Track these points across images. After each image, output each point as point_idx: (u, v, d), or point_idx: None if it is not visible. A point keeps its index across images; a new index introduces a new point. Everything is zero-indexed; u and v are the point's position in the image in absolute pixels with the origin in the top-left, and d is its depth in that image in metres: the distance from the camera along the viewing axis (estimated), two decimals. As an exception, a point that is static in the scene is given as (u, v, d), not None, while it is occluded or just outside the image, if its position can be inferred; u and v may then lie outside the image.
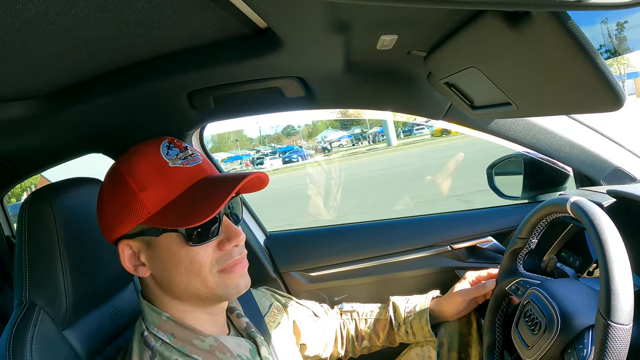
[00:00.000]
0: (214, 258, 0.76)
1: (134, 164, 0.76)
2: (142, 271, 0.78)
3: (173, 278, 0.76)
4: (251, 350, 0.87)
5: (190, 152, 0.80)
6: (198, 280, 0.76)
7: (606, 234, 0.77)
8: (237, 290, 0.79)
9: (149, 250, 0.77)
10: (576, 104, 0.68)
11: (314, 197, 11.36)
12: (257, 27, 0.82)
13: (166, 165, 0.76)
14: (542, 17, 0.52)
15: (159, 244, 0.75)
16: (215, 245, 0.77)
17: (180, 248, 0.75)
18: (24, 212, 0.86)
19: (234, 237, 0.78)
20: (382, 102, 1.22)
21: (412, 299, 1.24)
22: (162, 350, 0.77)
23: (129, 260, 0.78)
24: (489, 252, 1.40)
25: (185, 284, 0.76)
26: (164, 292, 0.80)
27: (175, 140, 0.81)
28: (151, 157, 0.77)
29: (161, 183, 0.75)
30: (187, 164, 0.78)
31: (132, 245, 0.77)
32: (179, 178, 0.76)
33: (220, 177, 0.79)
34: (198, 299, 0.79)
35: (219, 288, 0.77)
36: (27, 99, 0.95)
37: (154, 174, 0.75)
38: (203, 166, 0.80)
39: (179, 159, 0.78)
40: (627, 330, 0.71)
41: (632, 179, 1.17)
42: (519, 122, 1.19)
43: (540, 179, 1.38)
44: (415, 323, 1.19)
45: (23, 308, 0.83)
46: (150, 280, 0.80)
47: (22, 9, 0.54)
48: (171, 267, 0.76)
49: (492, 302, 1.12)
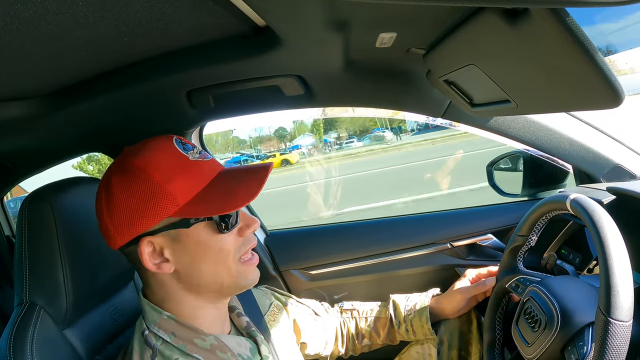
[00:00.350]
0: (236, 245, 0.79)
1: (154, 157, 0.75)
2: (166, 267, 0.76)
3: (201, 269, 0.77)
4: (251, 349, 0.87)
5: (200, 149, 0.82)
6: (224, 269, 0.78)
7: (606, 231, 0.77)
8: (253, 281, 0.82)
9: (174, 244, 0.75)
10: (575, 101, 0.68)
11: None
12: (256, 25, 0.81)
13: (187, 159, 0.77)
14: (540, 14, 0.52)
15: (187, 236, 0.75)
16: (236, 232, 0.79)
17: (210, 237, 0.76)
18: (23, 212, 0.86)
19: (252, 222, 0.81)
20: (381, 100, 1.22)
21: (412, 297, 1.25)
22: (162, 349, 0.77)
23: (150, 258, 0.75)
24: (489, 250, 1.40)
25: (213, 274, 0.78)
26: (184, 287, 0.79)
27: (182, 138, 0.82)
28: (170, 151, 0.76)
29: (187, 175, 0.75)
30: (205, 158, 0.80)
31: (154, 242, 0.75)
32: (202, 171, 0.77)
33: (240, 169, 0.82)
34: (218, 291, 0.81)
35: (241, 278, 0.80)
36: (26, 99, 0.95)
37: (177, 166, 0.75)
38: (215, 161, 0.82)
39: (196, 153, 0.79)
40: (627, 327, 0.71)
41: (632, 176, 1.17)
42: (518, 119, 1.19)
43: (540, 177, 1.38)
44: (416, 321, 1.19)
45: (23, 307, 0.83)
46: (168, 278, 0.78)
47: (21, 8, 0.54)
48: (201, 258, 0.76)
49: (492, 300, 1.12)
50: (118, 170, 0.76)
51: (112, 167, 0.78)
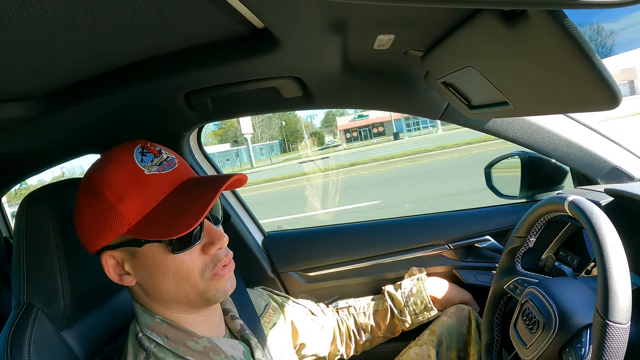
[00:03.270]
0: (202, 263, 0.76)
1: (109, 174, 0.74)
2: (127, 280, 0.77)
3: (161, 285, 0.76)
4: (245, 352, 0.87)
5: (165, 156, 0.78)
6: (188, 285, 0.75)
7: (604, 233, 0.77)
8: (225, 293, 0.79)
9: (133, 259, 0.76)
10: (573, 102, 0.68)
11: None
12: (254, 27, 0.82)
13: (142, 174, 0.74)
14: (538, 15, 0.52)
15: (142, 254, 0.74)
16: (199, 249, 0.76)
17: (165, 257, 0.74)
18: (21, 213, 0.86)
19: (217, 240, 0.76)
20: (379, 101, 1.22)
21: (404, 284, 1.32)
22: (156, 351, 0.77)
23: (113, 270, 0.77)
24: (487, 252, 1.40)
25: (175, 290, 0.76)
26: (152, 299, 0.79)
27: (148, 144, 0.79)
28: (126, 165, 0.74)
29: (139, 193, 0.73)
30: (163, 170, 0.76)
31: (115, 256, 0.76)
32: (156, 186, 0.74)
33: (198, 181, 0.77)
34: (187, 304, 0.79)
35: (209, 291, 0.77)
36: (24, 100, 0.94)
37: (131, 183, 0.73)
38: (180, 170, 0.78)
39: (154, 165, 0.76)
40: (625, 330, 0.71)
41: (629, 177, 1.17)
42: (516, 121, 1.19)
43: (538, 178, 1.38)
44: (417, 299, 1.26)
45: (21, 309, 0.83)
46: (138, 288, 0.79)
47: (19, 9, 0.54)
48: (158, 275, 0.75)
49: (490, 301, 1.12)
50: (84, 183, 0.77)
51: (84, 177, 0.79)
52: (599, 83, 0.56)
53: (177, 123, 1.24)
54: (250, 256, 1.48)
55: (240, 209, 1.55)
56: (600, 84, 0.56)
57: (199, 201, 0.71)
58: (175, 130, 1.28)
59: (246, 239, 1.48)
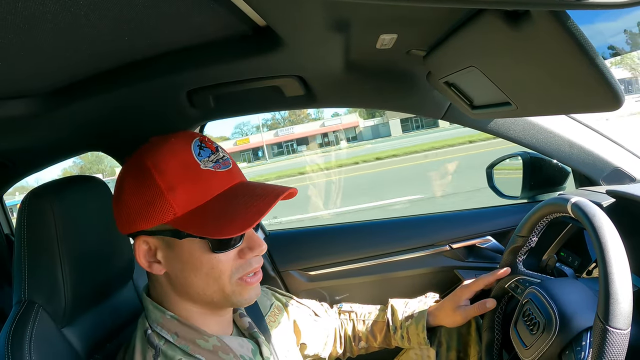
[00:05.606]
0: (234, 266, 0.75)
1: (163, 160, 0.73)
2: (157, 269, 0.76)
3: (191, 281, 0.75)
4: (253, 350, 0.87)
5: (221, 155, 0.77)
6: (216, 285, 0.75)
7: (606, 236, 0.77)
8: (249, 301, 0.79)
9: (167, 249, 0.75)
10: (575, 103, 0.68)
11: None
12: (257, 25, 0.81)
13: (198, 167, 0.73)
14: (541, 16, 0.52)
15: (180, 246, 0.73)
16: (236, 252, 0.76)
17: (202, 254, 0.73)
18: (23, 210, 0.86)
19: (256, 247, 0.77)
20: (381, 101, 1.22)
21: (411, 304, 1.22)
22: (165, 349, 0.76)
23: (144, 256, 0.76)
24: (488, 252, 1.40)
25: (203, 288, 0.75)
26: (176, 292, 0.79)
27: (206, 139, 0.78)
28: (182, 156, 0.73)
29: (191, 186, 0.72)
30: (219, 168, 0.75)
31: (149, 242, 0.75)
32: (211, 183, 0.73)
33: (251, 187, 0.76)
34: (210, 303, 0.79)
35: (234, 296, 0.77)
36: (26, 97, 0.94)
37: (184, 174, 0.72)
38: (233, 172, 0.78)
39: (211, 161, 0.75)
40: (625, 335, 0.70)
41: (631, 179, 1.17)
42: (518, 121, 1.19)
43: (539, 179, 1.38)
44: (412, 329, 1.17)
45: (22, 306, 0.83)
46: (163, 279, 0.79)
47: (22, 6, 0.54)
48: (190, 270, 0.74)
49: None
50: (132, 164, 0.76)
51: (132, 157, 0.77)
52: (601, 84, 0.55)
53: (179, 121, 1.24)
54: None
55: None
56: (602, 85, 0.56)
57: (251, 208, 0.71)
58: (177, 129, 1.28)
59: None
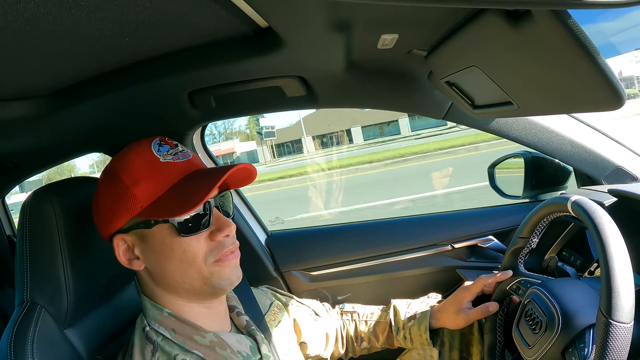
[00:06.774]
0: (207, 249, 0.79)
1: (127, 161, 0.80)
2: (136, 264, 0.81)
3: (167, 269, 0.79)
4: (251, 347, 0.88)
5: (180, 149, 0.84)
6: (193, 270, 0.78)
7: (607, 233, 0.77)
8: (230, 281, 0.82)
9: (142, 243, 0.80)
10: (577, 102, 0.68)
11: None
12: (258, 26, 0.81)
13: (157, 161, 0.79)
14: (542, 15, 0.52)
15: (152, 237, 0.78)
16: (206, 236, 0.79)
17: (172, 239, 0.77)
18: (25, 211, 0.86)
19: (224, 227, 0.80)
20: (382, 101, 1.22)
21: (414, 304, 1.22)
22: (163, 345, 0.79)
23: (124, 254, 0.81)
24: (490, 252, 1.40)
25: (180, 275, 0.79)
26: (159, 285, 0.82)
27: (166, 139, 0.84)
28: (143, 154, 0.80)
29: (153, 177, 0.78)
30: (177, 159, 0.81)
31: (126, 240, 0.80)
32: (170, 172, 0.79)
33: (209, 169, 0.82)
34: (193, 292, 0.81)
35: (214, 278, 0.80)
36: (27, 99, 0.95)
37: (146, 169, 0.78)
38: (193, 161, 0.83)
39: (170, 154, 0.81)
40: (628, 329, 0.70)
41: (633, 178, 1.17)
42: (520, 121, 1.19)
43: (541, 178, 1.38)
44: (415, 329, 1.17)
45: (24, 307, 0.83)
46: (145, 274, 0.83)
47: (23, 8, 0.54)
48: (165, 259, 0.78)
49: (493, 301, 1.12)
50: (104, 171, 0.83)
51: (106, 167, 0.84)
52: (603, 83, 0.55)
53: (181, 122, 1.24)
54: (254, 255, 1.48)
55: (244, 208, 1.55)
56: (604, 84, 0.55)
57: (206, 185, 0.75)
58: (179, 129, 1.28)
59: (249, 238, 1.48)
